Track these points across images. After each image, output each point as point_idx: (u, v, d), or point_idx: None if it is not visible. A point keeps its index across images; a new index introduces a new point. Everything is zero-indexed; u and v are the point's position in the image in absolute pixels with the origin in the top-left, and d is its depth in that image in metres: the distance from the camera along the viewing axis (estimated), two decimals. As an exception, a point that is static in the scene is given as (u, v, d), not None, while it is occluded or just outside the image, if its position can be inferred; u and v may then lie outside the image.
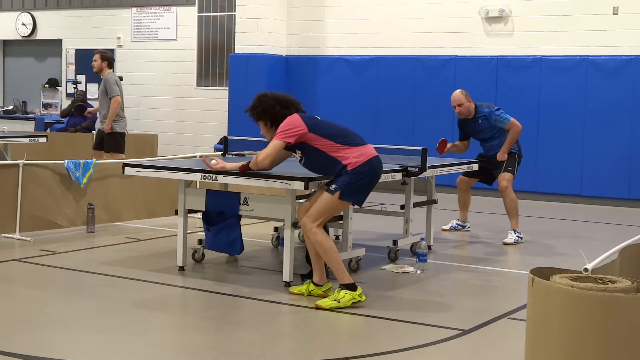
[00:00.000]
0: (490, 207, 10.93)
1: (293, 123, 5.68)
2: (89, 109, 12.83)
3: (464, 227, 9.16)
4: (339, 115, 13.62)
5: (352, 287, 5.65)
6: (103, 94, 10.34)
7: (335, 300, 5.59)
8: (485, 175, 8.85)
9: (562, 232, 9.48)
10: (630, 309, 2.96)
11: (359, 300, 5.64)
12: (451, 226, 9.16)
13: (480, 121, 8.68)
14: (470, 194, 9.17)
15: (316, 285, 5.94)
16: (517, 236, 8.49)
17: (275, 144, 5.70)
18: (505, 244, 8.41)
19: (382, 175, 6.66)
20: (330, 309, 5.52)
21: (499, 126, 8.59)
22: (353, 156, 5.64)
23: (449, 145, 8.85)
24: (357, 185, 5.67)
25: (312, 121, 5.77)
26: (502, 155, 8.61)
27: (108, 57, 10.37)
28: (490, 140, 8.73)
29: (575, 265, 3.54)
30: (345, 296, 5.59)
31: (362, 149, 5.72)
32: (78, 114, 14.28)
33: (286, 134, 5.67)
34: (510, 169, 8.61)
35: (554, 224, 10.22)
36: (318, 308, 5.56)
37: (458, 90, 8.77)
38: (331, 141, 5.69)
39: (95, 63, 10.37)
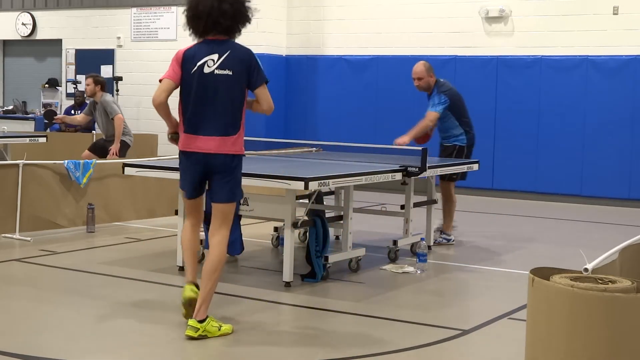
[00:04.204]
0: (492, 208, 10.94)
1: None
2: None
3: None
4: (339, 115, 13.68)
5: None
6: (103, 116, 10.24)
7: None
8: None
9: (562, 232, 9.48)
10: (630, 309, 2.96)
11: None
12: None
13: (430, 97, 8.19)
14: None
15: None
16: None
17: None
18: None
19: (382, 175, 6.68)
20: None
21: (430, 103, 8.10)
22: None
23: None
24: None
25: None
26: (403, 139, 7.94)
27: (101, 81, 10.28)
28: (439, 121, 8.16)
29: (575, 265, 3.54)
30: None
31: None
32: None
33: None
34: (454, 177, 8.16)
35: (554, 224, 10.21)
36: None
37: (421, 62, 8.26)
38: None
39: (88, 87, 10.27)
